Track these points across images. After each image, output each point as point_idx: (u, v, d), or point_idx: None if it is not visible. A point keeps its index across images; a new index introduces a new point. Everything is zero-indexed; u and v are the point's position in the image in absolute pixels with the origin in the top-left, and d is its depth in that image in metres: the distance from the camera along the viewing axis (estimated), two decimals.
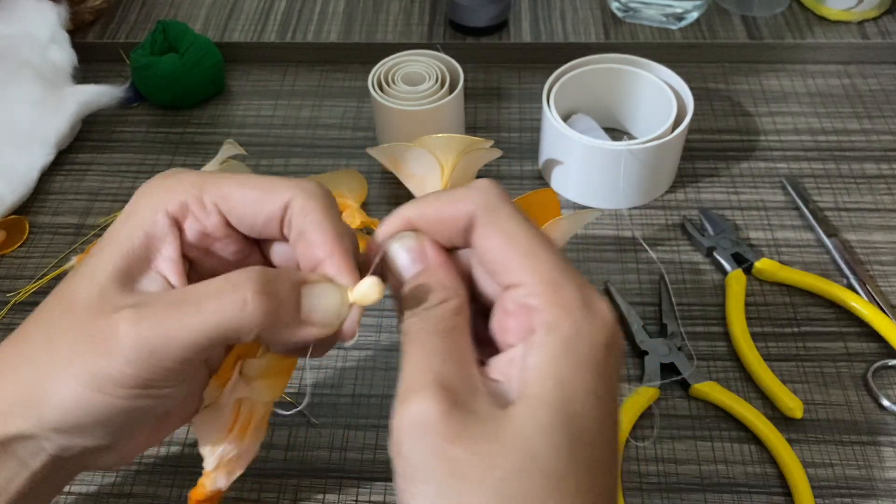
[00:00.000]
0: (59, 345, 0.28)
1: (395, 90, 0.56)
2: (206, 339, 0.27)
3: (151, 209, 0.30)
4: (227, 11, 0.75)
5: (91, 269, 0.29)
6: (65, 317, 0.29)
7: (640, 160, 0.52)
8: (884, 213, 0.55)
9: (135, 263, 0.29)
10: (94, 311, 0.28)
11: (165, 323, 0.27)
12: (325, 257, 0.29)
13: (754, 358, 0.46)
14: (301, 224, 0.29)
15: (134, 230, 0.29)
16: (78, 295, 0.29)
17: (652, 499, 0.41)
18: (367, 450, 0.44)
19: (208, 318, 0.27)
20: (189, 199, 0.30)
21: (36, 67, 0.62)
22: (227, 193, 0.30)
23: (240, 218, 0.30)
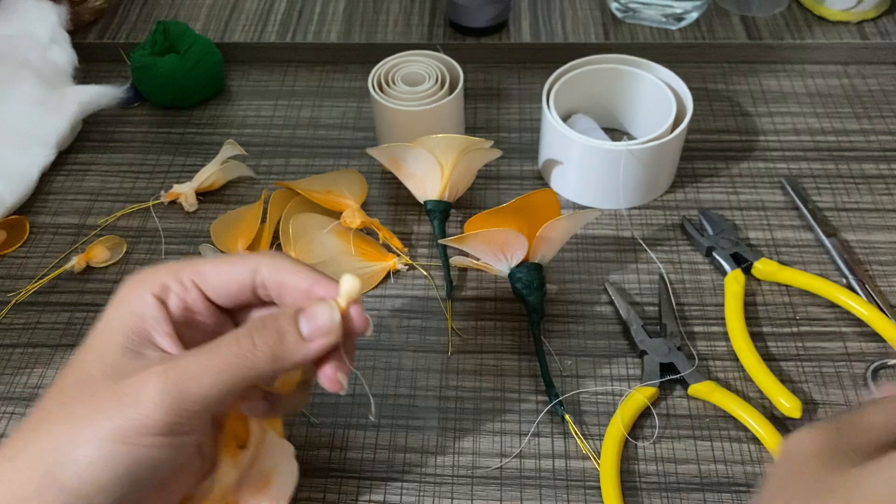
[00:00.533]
0: (79, 411, 0.31)
1: (395, 90, 0.56)
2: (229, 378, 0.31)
3: (139, 294, 0.33)
4: (227, 12, 0.75)
5: (96, 351, 0.32)
6: (81, 389, 0.31)
7: (639, 160, 0.53)
8: (883, 213, 0.55)
9: (136, 341, 0.32)
10: (113, 377, 0.31)
11: (191, 369, 0.31)
12: (309, 287, 0.34)
13: (753, 358, 0.46)
14: (276, 278, 0.34)
15: (127, 314, 0.33)
16: (90, 371, 0.32)
17: (651, 498, 0.42)
18: (367, 449, 0.44)
19: (229, 360, 0.31)
20: (168, 280, 0.34)
21: (36, 68, 0.62)
22: (202, 271, 0.34)
23: (216, 289, 0.34)
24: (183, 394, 0.30)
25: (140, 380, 0.31)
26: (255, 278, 0.34)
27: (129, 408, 0.30)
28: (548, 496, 0.42)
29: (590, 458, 0.43)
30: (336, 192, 0.55)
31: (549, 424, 0.45)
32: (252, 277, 0.34)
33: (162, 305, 0.33)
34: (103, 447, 0.30)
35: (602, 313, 0.50)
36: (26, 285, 0.53)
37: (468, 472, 0.43)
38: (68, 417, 0.31)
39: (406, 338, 0.49)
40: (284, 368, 0.33)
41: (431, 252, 0.54)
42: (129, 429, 0.30)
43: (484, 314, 0.50)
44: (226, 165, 0.58)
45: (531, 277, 0.47)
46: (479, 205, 0.57)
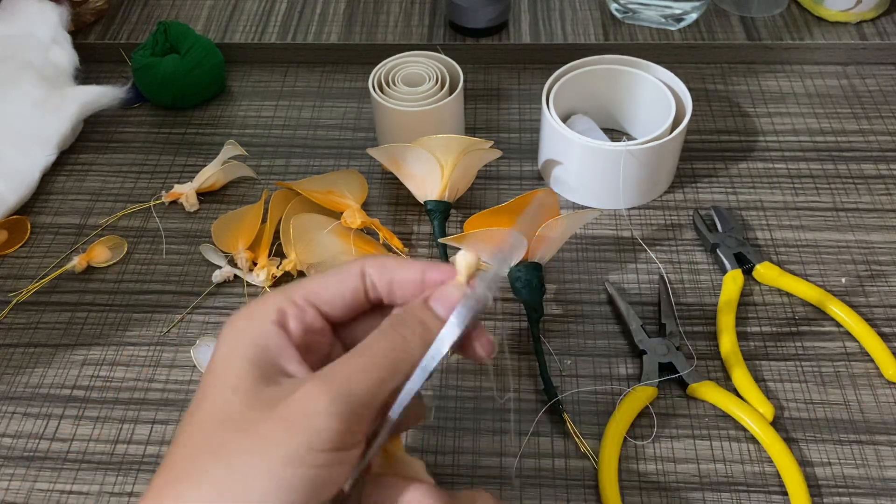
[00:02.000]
0: (235, 448, 0.28)
1: (396, 91, 0.57)
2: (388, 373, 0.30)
3: (257, 323, 0.32)
4: (228, 12, 0.75)
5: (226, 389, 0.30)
6: (226, 429, 0.29)
7: (639, 161, 0.53)
8: (882, 213, 0.55)
9: (268, 372, 0.30)
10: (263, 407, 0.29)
11: (348, 372, 0.30)
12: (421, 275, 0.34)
13: (735, 358, 0.46)
14: (384, 276, 0.34)
15: (249, 347, 0.31)
16: (229, 410, 0.29)
17: (650, 498, 0.42)
18: None
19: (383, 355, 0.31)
20: (283, 304, 0.32)
21: (37, 68, 0.62)
22: (312, 289, 0.33)
23: (330, 303, 0.33)
24: (350, 397, 0.29)
25: (303, 396, 0.29)
26: (366, 283, 0.34)
27: (299, 427, 0.28)
28: (547, 496, 0.42)
29: (588, 457, 0.43)
30: (336, 193, 0.55)
31: (548, 424, 0.45)
32: (362, 282, 0.34)
33: (283, 331, 0.32)
34: (277, 476, 0.27)
35: (601, 313, 0.50)
36: (27, 285, 0.53)
37: (468, 472, 0.43)
38: (222, 459, 0.28)
39: None
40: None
41: (431, 252, 0.54)
42: (303, 448, 0.28)
43: (484, 314, 0.50)
44: (226, 166, 0.58)
45: (531, 277, 0.48)
46: (479, 205, 0.57)
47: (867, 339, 0.47)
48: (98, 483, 0.43)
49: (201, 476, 0.28)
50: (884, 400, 0.45)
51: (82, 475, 0.44)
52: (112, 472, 0.44)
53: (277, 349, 0.31)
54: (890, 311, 0.49)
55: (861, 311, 0.49)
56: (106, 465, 0.44)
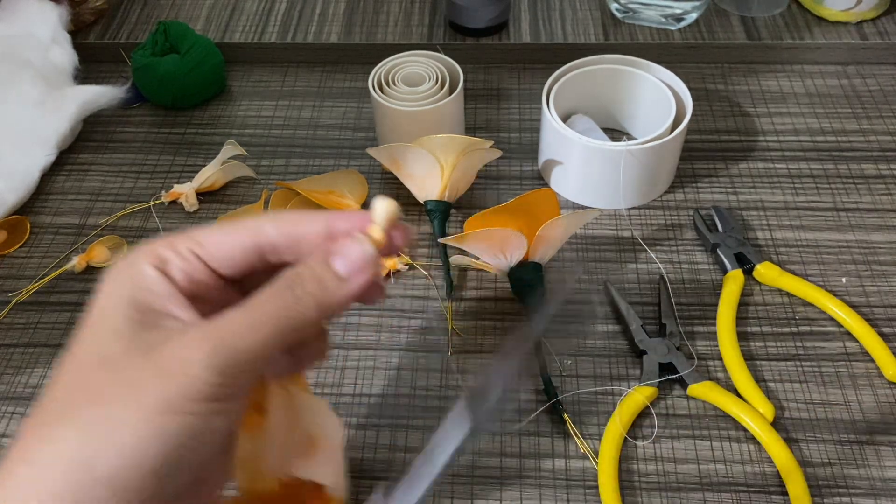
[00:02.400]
0: (109, 392, 0.28)
1: (396, 91, 0.56)
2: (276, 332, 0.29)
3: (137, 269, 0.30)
4: (227, 12, 0.75)
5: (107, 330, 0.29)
6: (103, 370, 0.28)
7: (639, 160, 0.53)
8: (882, 213, 0.55)
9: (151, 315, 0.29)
10: (141, 351, 0.28)
11: (233, 327, 0.29)
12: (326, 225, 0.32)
13: (735, 358, 0.46)
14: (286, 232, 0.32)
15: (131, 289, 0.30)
16: (107, 351, 0.29)
17: (651, 498, 0.42)
18: (367, 449, 0.44)
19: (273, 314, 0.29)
20: (165, 252, 0.31)
21: (37, 68, 0.62)
22: (200, 240, 0.32)
23: (217, 257, 0.32)
24: (231, 352, 0.28)
25: (181, 344, 0.28)
26: (260, 240, 0.32)
27: (175, 375, 0.27)
28: (547, 496, 0.42)
29: (588, 457, 0.43)
30: (336, 193, 0.55)
31: (548, 424, 0.45)
32: (255, 240, 0.32)
33: (166, 278, 0.30)
34: (151, 423, 0.27)
35: (601, 313, 0.50)
36: (27, 285, 0.53)
37: (468, 472, 0.43)
38: (95, 402, 0.27)
39: (406, 338, 0.49)
40: (331, 314, 0.31)
41: (431, 252, 0.54)
42: (178, 396, 0.27)
43: (484, 314, 0.50)
44: (226, 165, 0.58)
45: (531, 277, 0.48)
46: (479, 205, 0.57)
47: (867, 339, 0.47)
48: None
49: (72, 419, 0.27)
50: (884, 400, 0.45)
51: None
52: None
53: (161, 293, 0.30)
54: (890, 311, 0.49)
55: (861, 311, 0.49)
56: None
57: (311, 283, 0.30)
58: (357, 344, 0.49)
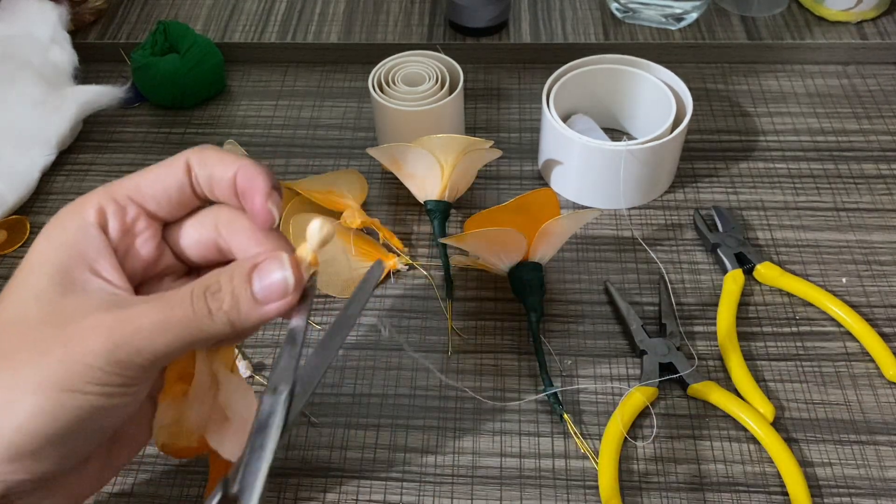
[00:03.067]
0: (19, 357, 0.28)
1: (396, 91, 0.56)
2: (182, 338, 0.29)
3: (74, 222, 0.30)
4: (227, 12, 0.75)
5: (30, 290, 0.29)
6: (19, 333, 0.29)
7: (639, 160, 0.53)
8: (883, 213, 0.55)
9: (76, 275, 0.30)
10: (55, 321, 0.28)
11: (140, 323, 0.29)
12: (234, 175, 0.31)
13: (735, 358, 0.46)
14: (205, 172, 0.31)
15: (63, 245, 0.30)
16: (26, 313, 0.29)
17: (651, 498, 0.42)
18: (367, 449, 0.44)
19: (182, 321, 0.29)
20: (104, 201, 0.31)
21: (37, 68, 0.62)
22: (135, 184, 0.31)
23: (155, 199, 0.32)
24: (132, 350, 0.28)
25: (86, 329, 0.28)
26: (192, 177, 0.32)
27: (76, 356, 0.28)
28: (547, 496, 0.42)
29: (588, 457, 0.43)
30: (336, 192, 0.55)
31: (548, 424, 0.45)
32: (187, 175, 0.32)
33: (101, 232, 0.30)
34: (49, 396, 0.27)
35: (602, 313, 0.50)
36: None
37: (468, 472, 0.43)
38: (6, 364, 0.28)
39: (406, 338, 0.49)
40: (242, 332, 0.31)
41: (431, 252, 0.54)
42: (76, 376, 0.28)
43: (484, 314, 0.50)
44: None
45: (530, 277, 0.48)
46: (479, 205, 0.57)
47: (868, 339, 0.47)
48: None
49: None
50: (884, 400, 0.45)
51: None
52: None
53: (92, 251, 0.30)
54: (890, 311, 0.49)
55: (861, 311, 0.49)
56: None
57: (228, 300, 0.30)
58: (357, 344, 0.49)
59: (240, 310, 0.30)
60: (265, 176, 0.31)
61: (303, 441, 0.44)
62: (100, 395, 0.28)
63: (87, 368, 0.28)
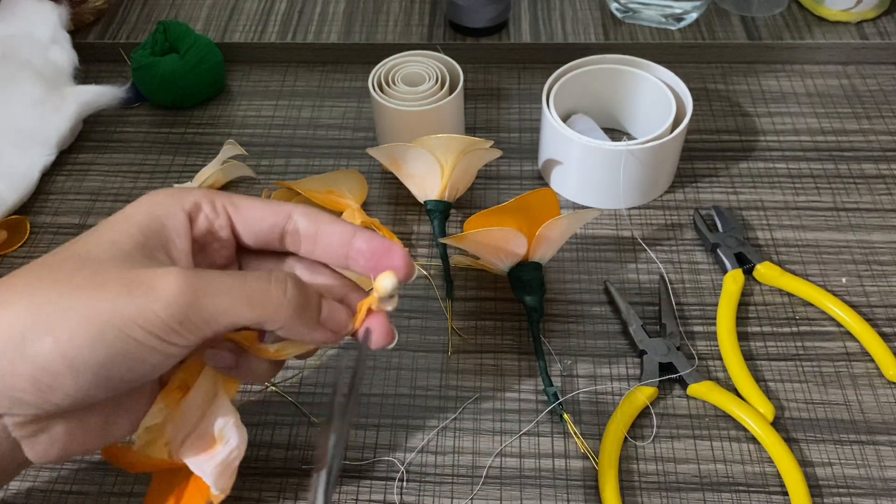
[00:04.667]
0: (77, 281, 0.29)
1: (396, 91, 0.56)
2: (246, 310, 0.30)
3: (169, 203, 0.32)
4: (227, 12, 0.75)
5: (107, 238, 0.31)
6: (84, 265, 0.29)
7: (639, 160, 0.53)
8: (883, 213, 0.55)
9: (152, 243, 0.31)
10: (125, 264, 0.29)
11: (214, 284, 0.30)
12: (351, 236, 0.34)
13: (735, 358, 0.46)
14: (313, 226, 0.34)
15: (151, 216, 0.32)
16: (97, 253, 0.30)
17: (651, 498, 0.42)
18: (367, 449, 0.44)
19: (254, 294, 0.30)
20: (203, 200, 0.33)
21: (37, 68, 0.62)
22: (237, 202, 0.34)
23: (246, 223, 0.34)
24: (198, 303, 0.29)
25: (159, 274, 0.29)
26: (288, 224, 0.34)
27: (138, 296, 0.28)
28: (547, 496, 0.42)
29: (588, 457, 0.43)
30: (336, 192, 0.55)
31: (548, 424, 0.45)
32: (285, 222, 0.34)
33: (188, 221, 0.32)
34: (94, 324, 0.28)
35: (602, 313, 0.50)
36: None
37: (468, 472, 0.43)
38: (61, 284, 0.28)
39: (406, 338, 0.49)
40: (291, 333, 0.32)
41: (431, 252, 0.54)
42: (130, 316, 0.28)
43: (484, 314, 0.50)
44: (226, 165, 0.58)
45: (530, 277, 0.48)
46: (479, 205, 0.57)
47: (867, 339, 0.47)
48: (98, 483, 0.43)
49: (30, 290, 0.29)
50: (884, 400, 0.45)
51: (82, 475, 0.44)
52: (112, 473, 0.44)
53: (174, 232, 0.32)
54: (890, 311, 0.49)
55: (861, 311, 0.49)
56: (105, 465, 0.44)
57: (303, 297, 0.32)
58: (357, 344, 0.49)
59: (306, 311, 0.32)
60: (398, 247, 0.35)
61: (303, 441, 0.44)
62: (143, 343, 0.29)
63: (147, 311, 0.28)
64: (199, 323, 0.29)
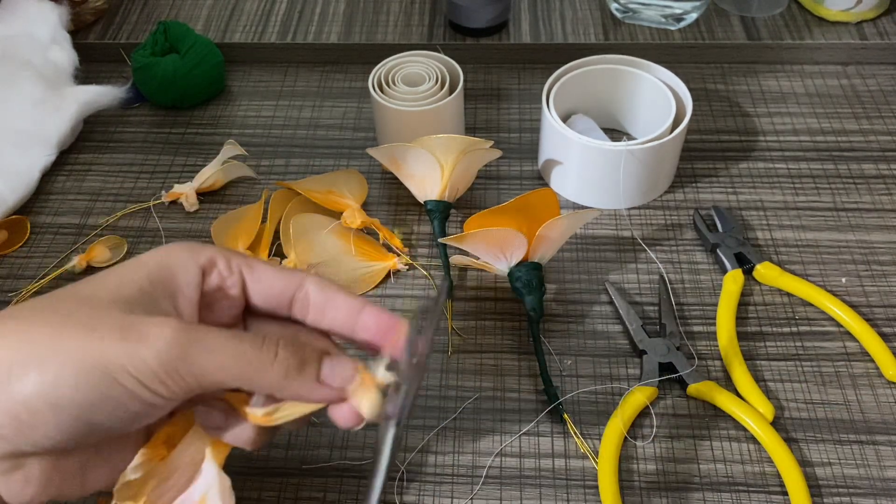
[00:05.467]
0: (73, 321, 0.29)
1: (396, 91, 0.56)
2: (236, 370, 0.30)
3: (184, 256, 0.32)
4: (227, 12, 0.75)
5: (112, 281, 0.31)
6: (83, 304, 0.29)
7: (639, 160, 0.53)
8: (882, 213, 0.55)
9: (158, 292, 0.31)
10: (124, 308, 0.29)
11: (207, 340, 0.30)
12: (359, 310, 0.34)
13: (735, 358, 0.46)
14: (323, 295, 0.34)
15: (162, 265, 0.32)
16: (99, 294, 0.30)
17: (651, 498, 0.42)
18: (367, 449, 0.44)
19: (245, 354, 0.30)
20: (218, 257, 0.33)
21: (37, 68, 0.62)
22: (253, 264, 0.34)
23: (259, 285, 0.34)
24: (188, 357, 0.29)
25: (154, 322, 0.29)
26: (299, 292, 0.34)
27: (130, 342, 0.28)
28: (547, 496, 0.42)
29: (588, 457, 0.43)
30: (336, 193, 0.55)
31: (548, 424, 0.45)
32: (296, 288, 0.34)
33: (200, 275, 0.32)
34: (81, 365, 0.28)
35: (601, 313, 0.50)
36: (27, 285, 0.53)
37: (468, 472, 0.43)
38: (55, 323, 0.28)
39: None
40: (285, 395, 0.32)
41: (431, 252, 0.54)
42: (118, 361, 0.28)
43: (484, 314, 0.50)
44: (226, 165, 0.58)
45: (530, 277, 0.48)
46: (479, 205, 0.57)
47: (867, 339, 0.47)
48: None
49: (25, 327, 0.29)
50: (884, 400, 0.45)
51: None
52: None
53: (184, 283, 0.32)
54: (890, 311, 0.49)
55: (861, 311, 0.49)
56: None
57: (296, 359, 0.32)
58: None
59: (302, 373, 0.32)
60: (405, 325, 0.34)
61: (303, 441, 0.44)
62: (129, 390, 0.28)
63: (136, 358, 0.28)
64: (187, 376, 0.29)
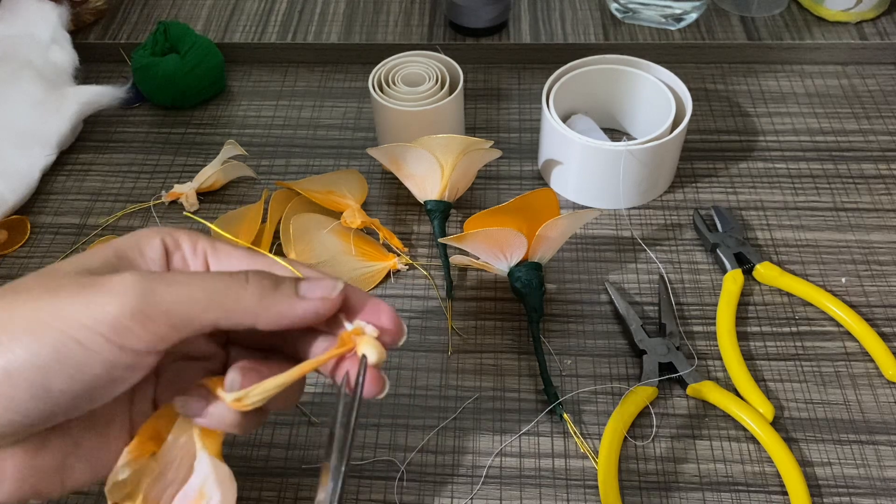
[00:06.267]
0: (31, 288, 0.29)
1: (396, 91, 0.57)
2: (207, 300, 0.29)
3: (150, 236, 0.33)
4: (227, 12, 0.75)
5: (85, 257, 0.31)
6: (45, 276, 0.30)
7: (639, 160, 0.53)
8: (882, 213, 0.55)
9: (123, 263, 0.31)
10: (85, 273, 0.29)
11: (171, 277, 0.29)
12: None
13: (735, 358, 0.46)
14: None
15: (132, 242, 0.32)
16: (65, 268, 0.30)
17: (650, 498, 0.42)
18: (367, 449, 0.44)
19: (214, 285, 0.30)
20: (184, 240, 0.33)
21: (37, 68, 0.62)
22: (217, 246, 0.33)
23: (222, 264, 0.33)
24: (155, 296, 0.28)
25: (116, 276, 0.29)
26: None
27: (87, 295, 0.28)
28: (547, 495, 0.42)
29: (588, 457, 0.43)
30: (336, 193, 0.55)
31: (548, 424, 0.45)
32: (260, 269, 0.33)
33: (164, 254, 0.32)
34: (34, 327, 0.27)
35: (601, 313, 0.50)
36: None
37: (468, 472, 0.43)
38: (16, 293, 0.28)
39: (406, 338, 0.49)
40: (268, 319, 0.30)
41: (431, 252, 0.54)
42: (74, 316, 0.27)
43: (484, 314, 0.50)
44: (226, 165, 0.58)
45: (530, 277, 0.48)
46: (479, 205, 0.57)
47: (867, 339, 0.47)
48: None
49: None
50: (884, 400, 0.45)
51: None
52: None
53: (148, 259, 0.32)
54: (890, 311, 0.49)
55: (861, 311, 0.49)
56: None
57: (268, 280, 0.31)
58: None
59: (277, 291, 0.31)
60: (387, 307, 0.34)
61: (303, 441, 0.44)
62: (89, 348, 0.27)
63: (94, 309, 0.27)
64: (157, 318, 0.28)
